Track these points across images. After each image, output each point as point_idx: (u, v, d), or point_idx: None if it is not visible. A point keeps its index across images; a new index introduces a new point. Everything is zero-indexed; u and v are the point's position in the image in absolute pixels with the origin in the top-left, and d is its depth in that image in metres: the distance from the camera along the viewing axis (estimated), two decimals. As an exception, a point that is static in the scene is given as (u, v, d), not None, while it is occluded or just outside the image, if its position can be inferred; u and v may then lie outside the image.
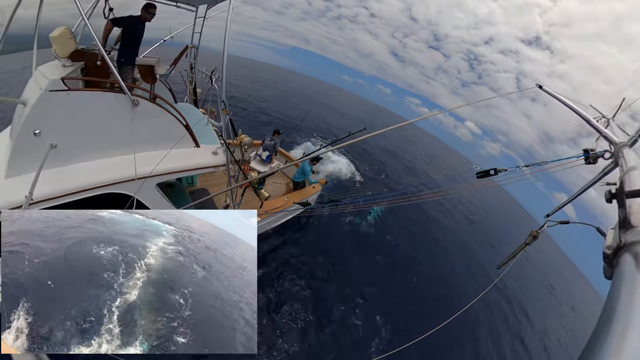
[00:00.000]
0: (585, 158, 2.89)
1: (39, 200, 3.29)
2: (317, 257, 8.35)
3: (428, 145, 54.63)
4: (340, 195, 7.96)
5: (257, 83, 33.10)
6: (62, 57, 3.86)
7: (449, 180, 8.24)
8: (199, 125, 5.41)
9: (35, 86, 3.53)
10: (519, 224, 34.21)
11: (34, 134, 3.35)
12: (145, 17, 4.56)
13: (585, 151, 2.89)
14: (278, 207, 7.41)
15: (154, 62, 4.80)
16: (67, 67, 3.89)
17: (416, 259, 11.12)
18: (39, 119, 3.39)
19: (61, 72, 3.63)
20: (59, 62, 3.93)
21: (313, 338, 6.12)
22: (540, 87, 3.16)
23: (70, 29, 3.96)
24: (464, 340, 8.26)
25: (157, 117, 4.41)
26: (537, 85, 3.17)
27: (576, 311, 17.28)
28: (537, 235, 3.16)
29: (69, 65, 3.91)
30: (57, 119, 3.52)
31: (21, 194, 3.01)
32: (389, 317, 7.48)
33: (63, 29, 3.76)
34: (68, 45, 3.86)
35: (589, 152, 2.86)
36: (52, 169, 3.51)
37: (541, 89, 3.15)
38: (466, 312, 3.07)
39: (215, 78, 5.25)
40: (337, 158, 16.52)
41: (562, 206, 3.28)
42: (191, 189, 7.14)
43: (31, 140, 3.36)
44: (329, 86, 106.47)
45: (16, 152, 3.39)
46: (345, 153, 17.76)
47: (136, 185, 4.05)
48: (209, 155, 5.10)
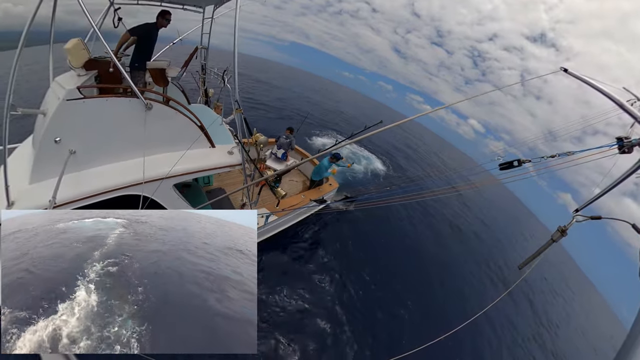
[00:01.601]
0: (619, 147, 2.68)
1: (61, 204, 3.55)
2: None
3: (430, 143, 53.00)
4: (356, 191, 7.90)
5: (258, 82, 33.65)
6: (76, 67, 4.11)
7: (458, 176, 7.93)
8: (214, 126, 5.55)
9: (54, 97, 3.79)
10: (520, 222, 33.11)
11: (54, 141, 3.60)
12: (161, 24, 4.78)
13: (618, 139, 2.67)
14: (295, 205, 7.49)
15: (165, 65, 4.97)
16: (81, 76, 4.13)
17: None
18: (59, 128, 3.63)
19: (76, 82, 3.86)
20: (74, 72, 4.18)
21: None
22: (565, 70, 2.95)
23: (83, 40, 4.20)
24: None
25: (171, 119, 4.57)
26: (562, 69, 2.96)
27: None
28: (565, 230, 2.99)
29: (83, 74, 4.16)
30: (75, 126, 3.75)
31: (45, 198, 3.26)
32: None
33: (76, 40, 4.00)
34: (81, 56, 4.10)
35: (623, 140, 2.65)
36: (72, 173, 3.77)
37: (567, 72, 2.94)
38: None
39: (228, 78, 5.36)
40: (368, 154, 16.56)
41: (594, 200, 3.06)
42: (208, 189, 7.37)
43: (52, 147, 3.61)
44: (328, 82, 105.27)
45: (39, 159, 3.66)
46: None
47: (153, 186, 4.25)
48: (224, 155, 5.22)
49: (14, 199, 3.41)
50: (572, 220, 2.91)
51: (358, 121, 27.94)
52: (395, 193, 6.25)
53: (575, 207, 2.99)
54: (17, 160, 4.02)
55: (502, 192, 38.99)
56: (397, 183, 8.80)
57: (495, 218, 24.86)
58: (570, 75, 2.93)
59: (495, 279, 12.15)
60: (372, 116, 48.87)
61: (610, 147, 2.74)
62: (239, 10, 4.26)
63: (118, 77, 4.35)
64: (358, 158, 17.53)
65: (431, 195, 5.70)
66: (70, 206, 3.68)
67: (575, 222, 2.91)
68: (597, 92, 2.67)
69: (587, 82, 2.79)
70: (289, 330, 5.86)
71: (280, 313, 6.15)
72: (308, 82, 66.28)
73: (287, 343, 5.65)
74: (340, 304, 6.97)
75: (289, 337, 5.76)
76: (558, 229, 2.96)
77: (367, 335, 6.56)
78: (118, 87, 4.39)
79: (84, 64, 4.14)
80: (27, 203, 3.43)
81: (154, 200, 4.40)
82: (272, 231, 7.42)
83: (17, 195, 3.47)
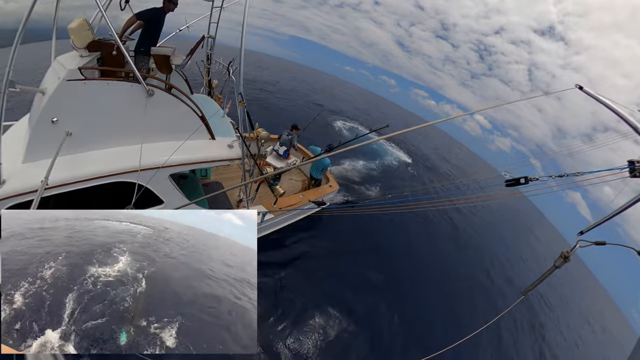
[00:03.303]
0: (630, 170, 2.65)
1: (53, 186, 3.57)
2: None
3: (439, 141, 52.71)
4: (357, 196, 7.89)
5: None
6: (79, 47, 4.11)
7: (464, 187, 7.94)
8: (215, 117, 5.56)
9: (54, 76, 3.81)
10: (528, 221, 32.72)
11: (51, 121, 3.61)
12: (168, 8, 4.78)
13: (630, 162, 2.64)
14: (292, 204, 7.49)
15: (170, 52, 4.98)
16: (84, 57, 4.14)
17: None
18: (57, 108, 3.64)
19: (78, 63, 3.88)
20: (77, 52, 4.19)
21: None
22: (580, 88, 2.93)
23: (88, 20, 4.22)
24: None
25: (172, 108, 4.57)
26: (577, 86, 2.94)
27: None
28: (568, 256, 2.95)
29: (86, 55, 4.17)
30: (73, 107, 3.76)
31: (37, 179, 3.26)
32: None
33: (81, 20, 4.01)
34: (85, 36, 4.10)
35: (635, 164, 2.62)
36: (67, 155, 3.77)
37: (582, 90, 2.92)
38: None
39: (233, 70, 5.37)
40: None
41: (600, 223, 3.03)
42: (205, 182, 7.38)
43: (48, 127, 3.63)
44: (330, 77, 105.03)
45: (34, 138, 3.68)
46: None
47: (149, 175, 4.26)
48: (224, 148, 5.22)
49: (5, 177, 3.42)
50: (576, 245, 2.87)
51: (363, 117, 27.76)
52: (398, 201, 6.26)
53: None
54: (11, 138, 4.03)
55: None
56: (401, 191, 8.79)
57: (502, 215, 24.74)
58: (584, 93, 2.91)
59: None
60: (374, 113, 48.63)
61: (621, 170, 2.71)
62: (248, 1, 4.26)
63: (121, 60, 4.37)
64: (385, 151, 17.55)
65: (431, 206, 5.70)
66: (62, 189, 3.71)
67: (578, 247, 2.87)
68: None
69: (603, 102, 2.76)
70: (287, 330, 5.91)
71: (276, 313, 6.18)
72: (310, 78, 66.17)
73: (286, 343, 5.69)
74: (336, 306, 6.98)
75: (287, 337, 5.81)
76: (561, 255, 2.92)
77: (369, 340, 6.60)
78: (120, 70, 4.40)
79: (87, 44, 4.15)
80: (19, 182, 3.45)
81: (148, 189, 4.42)
82: (267, 230, 7.43)
83: (9, 174, 3.47)
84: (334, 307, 6.90)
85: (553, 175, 3.38)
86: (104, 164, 4.06)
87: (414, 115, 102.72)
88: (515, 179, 3.53)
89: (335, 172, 13.43)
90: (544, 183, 3.50)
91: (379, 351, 6.53)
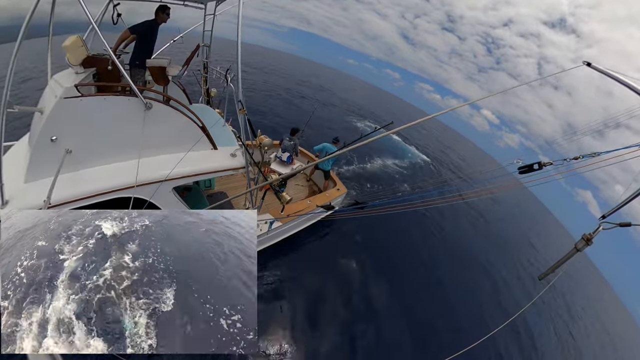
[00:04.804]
0: (649, 145, 2.59)
1: (55, 205, 3.61)
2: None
3: (443, 137, 52.34)
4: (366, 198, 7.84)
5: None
6: (75, 64, 4.20)
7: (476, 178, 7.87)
8: (216, 127, 5.58)
9: (51, 94, 3.88)
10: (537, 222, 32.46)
11: (50, 140, 3.67)
12: (162, 19, 4.88)
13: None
14: (300, 210, 7.46)
15: (165, 63, 5.05)
16: (79, 74, 4.21)
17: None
18: (55, 126, 3.70)
19: (74, 80, 3.94)
20: (72, 69, 4.27)
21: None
22: (588, 64, 2.88)
23: (81, 37, 4.32)
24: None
25: (172, 119, 4.60)
26: (585, 63, 2.89)
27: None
28: (590, 238, 2.87)
29: (81, 72, 4.24)
30: (72, 125, 3.81)
31: (39, 198, 3.31)
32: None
33: (75, 37, 4.10)
34: (80, 53, 4.19)
35: (654, 139, 2.55)
36: (69, 173, 3.82)
37: (590, 67, 2.86)
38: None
39: (231, 77, 5.41)
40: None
41: (623, 205, 2.94)
42: (209, 192, 7.42)
43: (48, 146, 3.67)
44: (332, 71, 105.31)
45: (34, 158, 3.74)
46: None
47: (152, 189, 4.28)
48: (227, 158, 5.22)
49: (8, 198, 3.48)
50: (599, 227, 2.79)
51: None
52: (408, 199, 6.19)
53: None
54: (12, 158, 4.10)
55: (519, 190, 38.07)
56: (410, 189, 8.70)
57: (513, 215, 24.30)
58: (593, 69, 2.85)
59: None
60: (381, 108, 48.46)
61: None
62: (242, 6, 4.30)
63: (117, 75, 4.43)
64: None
65: (444, 202, 5.62)
66: (65, 207, 3.75)
67: (602, 229, 2.79)
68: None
69: (612, 76, 2.70)
70: (288, 333, 5.91)
71: (282, 319, 6.18)
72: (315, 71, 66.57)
73: (286, 344, 5.69)
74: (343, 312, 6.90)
75: (289, 339, 5.81)
76: (583, 237, 2.83)
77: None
78: (117, 85, 4.46)
79: (82, 61, 4.23)
80: (22, 202, 3.50)
81: (152, 203, 4.45)
82: (276, 238, 7.39)
83: (12, 194, 3.53)
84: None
85: (568, 158, 3.31)
86: (106, 180, 4.09)
87: (416, 109, 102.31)
88: (528, 165, 3.47)
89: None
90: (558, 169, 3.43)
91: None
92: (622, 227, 2.77)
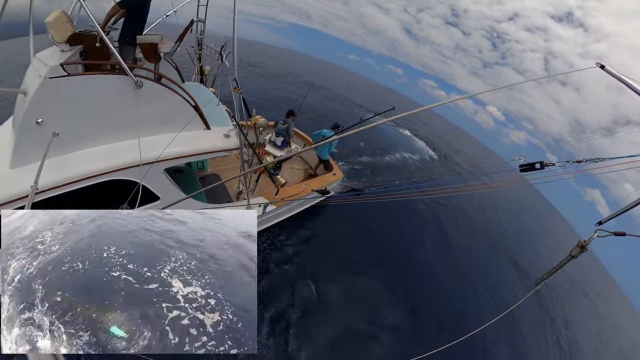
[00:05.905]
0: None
1: (44, 190, 3.56)
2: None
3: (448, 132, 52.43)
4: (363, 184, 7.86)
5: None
6: (59, 42, 4.00)
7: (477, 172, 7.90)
8: (210, 106, 5.46)
9: (35, 74, 3.71)
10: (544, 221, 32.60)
11: (36, 123, 3.56)
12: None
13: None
14: (295, 194, 7.47)
15: (157, 39, 4.83)
16: (65, 52, 4.02)
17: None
18: (41, 108, 3.58)
19: (60, 58, 3.77)
20: (57, 47, 4.08)
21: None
22: (602, 66, 2.79)
23: (66, 12, 4.07)
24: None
25: (163, 99, 4.49)
26: (599, 65, 2.80)
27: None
28: (585, 245, 2.92)
29: (67, 50, 4.05)
30: (58, 106, 3.70)
31: (26, 184, 3.25)
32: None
33: (58, 13, 3.88)
34: (65, 30, 3.98)
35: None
36: (56, 157, 3.74)
37: (603, 70, 2.78)
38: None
39: (226, 54, 5.22)
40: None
41: (620, 213, 2.97)
42: (202, 174, 7.37)
43: (34, 129, 3.58)
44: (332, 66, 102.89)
45: (19, 142, 3.65)
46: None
47: (142, 170, 4.22)
48: (220, 138, 5.15)
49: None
50: (594, 234, 2.84)
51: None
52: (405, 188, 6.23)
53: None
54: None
55: (524, 187, 38.36)
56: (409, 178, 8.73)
57: (517, 213, 24.64)
58: (607, 72, 2.78)
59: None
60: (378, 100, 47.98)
61: (646, 157, 2.64)
62: None
63: (106, 52, 4.25)
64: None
65: (442, 192, 5.66)
66: (53, 192, 3.69)
67: (596, 236, 2.84)
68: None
69: (627, 84, 2.64)
70: (286, 329, 5.99)
71: (277, 309, 6.26)
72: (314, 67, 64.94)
73: (285, 342, 5.78)
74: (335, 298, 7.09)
75: (287, 335, 5.90)
76: (578, 244, 2.89)
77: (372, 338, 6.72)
78: (105, 63, 4.31)
79: (67, 38, 4.03)
80: (8, 189, 3.43)
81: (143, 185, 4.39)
82: (269, 222, 7.46)
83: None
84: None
85: (570, 160, 3.32)
86: (94, 162, 4.04)
87: (420, 106, 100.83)
88: (530, 164, 3.49)
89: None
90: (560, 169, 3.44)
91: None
92: (617, 236, 2.81)
